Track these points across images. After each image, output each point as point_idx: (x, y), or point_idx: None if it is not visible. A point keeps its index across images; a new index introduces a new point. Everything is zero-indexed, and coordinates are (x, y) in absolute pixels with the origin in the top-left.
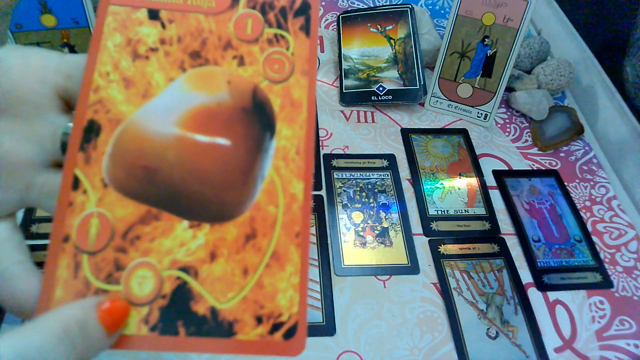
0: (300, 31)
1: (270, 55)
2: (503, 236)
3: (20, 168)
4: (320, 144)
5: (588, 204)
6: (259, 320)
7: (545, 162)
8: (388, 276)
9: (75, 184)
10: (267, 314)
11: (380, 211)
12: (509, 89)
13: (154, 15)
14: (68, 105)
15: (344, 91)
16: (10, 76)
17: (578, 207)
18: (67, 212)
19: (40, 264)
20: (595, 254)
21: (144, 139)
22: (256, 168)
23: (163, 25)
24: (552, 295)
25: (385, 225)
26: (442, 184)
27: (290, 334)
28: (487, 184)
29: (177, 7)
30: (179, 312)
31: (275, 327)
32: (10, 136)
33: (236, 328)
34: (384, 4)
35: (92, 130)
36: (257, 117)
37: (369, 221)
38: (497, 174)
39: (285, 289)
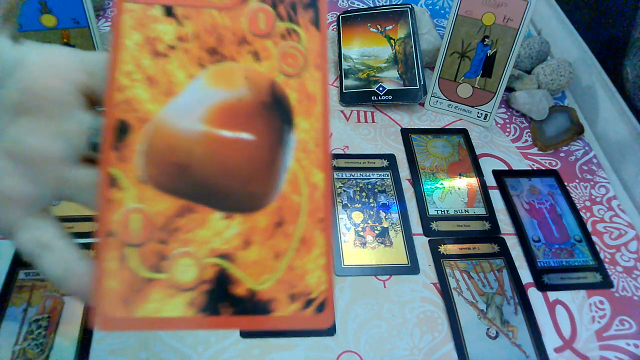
0: (310, 24)
1: (284, 50)
2: (503, 236)
3: (52, 164)
4: None
5: (588, 204)
6: (292, 298)
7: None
8: (388, 276)
9: (113, 182)
10: (299, 292)
11: (380, 211)
12: (509, 89)
13: (168, 12)
14: (91, 101)
15: (344, 91)
16: (34, 75)
17: (578, 207)
18: (107, 209)
19: None
20: (595, 254)
21: (173, 137)
22: (279, 160)
23: (179, 22)
24: (552, 295)
25: (385, 225)
26: (442, 184)
27: (320, 308)
28: (487, 184)
29: (190, 2)
30: (220, 295)
31: (307, 304)
32: (39, 134)
33: (272, 306)
34: (384, 4)
35: (122, 130)
36: (276, 112)
37: (369, 221)
38: (497, 174)
39: (314, 270)
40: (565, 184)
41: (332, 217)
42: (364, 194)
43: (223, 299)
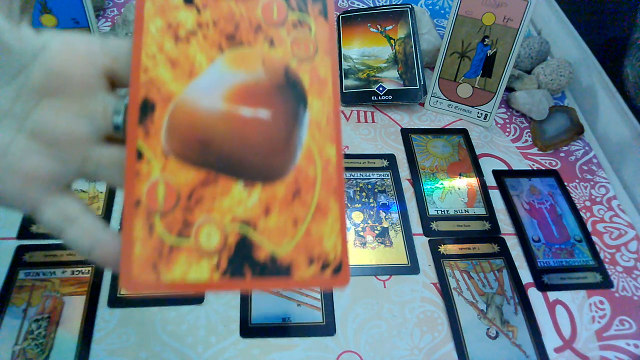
0: (319, 15)
1: (296, 38)
2: (503, 236)
3: (77, 143)
4: None
5: (588, 204)
6: (311, 261)
7: (545, 162)
8: (388, 276)
9: (139, 155)
10: (317, 255)
11: (380, 211)
12: (509, 89)
13: (188, 0)
14: (112, 84)
15: (344, 91)
16: (60, 59)
17: (578, 207)
18: (135, 180)
19: (42, 264)
20: (595, 254)
21: (195, 114)
22: (294, 136)
23: (198, 11)
24: (552, 295)
25: (385, 225)
26: (442, 184)
27: (337, 270)
28: (487, 184)
29: None
30: (243, 258)
31: (325, 266)
32: (66, 115)
33: (293, 269)
34: (384, 4)
35: (147, 107)
36: (290, 93)
37: (369, 221)
38: (497, 174)
39: (329, 235)
40: (565, 184)
41: (344, 187)
42: (364, 194)
43: (246, 262)
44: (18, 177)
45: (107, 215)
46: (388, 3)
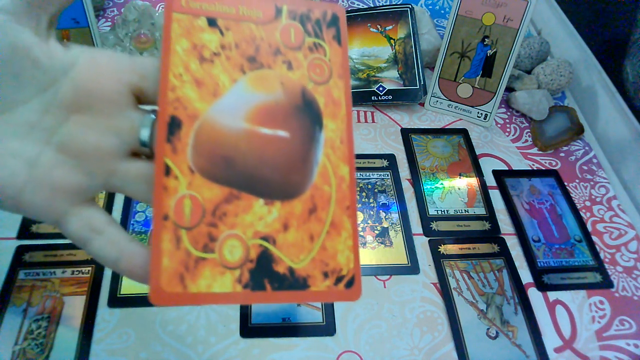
0: (333, 40)
1: (312, 61)
2: (503, 236)
3: (104, 158)
4: None
5: (588, 204)
6: (326, 275)
7: (545, 162)
8: (388, 276)
9: (167, 171)
10: (331, 270)
11: (380, 211)
12: (509, 89)
13: (212, 23)
14: (139, 101)
15: None
16: (89, 76)
17: (578, 207)
18: (163, 195)
19: (42, 264)
20: (595, 254)
21: (220, 132)
22: (311, 155)
23: (222, 33)
24: (552, 295)
25: (385, 225)
26: (442, 184)
27: (350, 284)
28: (487, 184)
29: (231, 16)
30: (264, 272)
31: (339, 280)
32: (94, 130)
33: (309, 282)
34: (384, 4)
35: (174, 125)
36: (307, 114)
37: (369, 221)
38: (497, 174)
39: (343, 250)
40: (565, 184)
41: (356, 205)
42: (364, 194)
43: (266, 276)
44: (45, 188)
45: None
46: (388, 3)
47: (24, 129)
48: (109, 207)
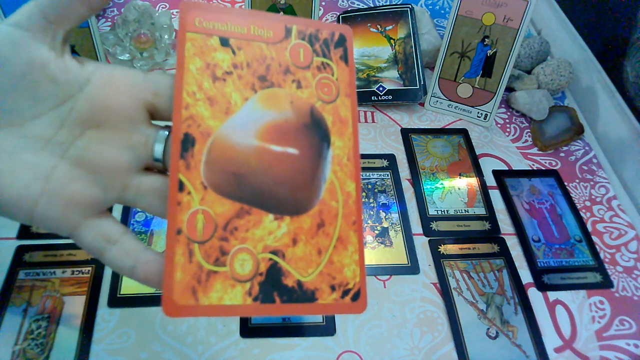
0: (340, 60)
1: (320, 80)
2: (503, 236)
3: (119, 172)
4: None
5: (588, 204)
6: (333, 288)
7: (545, 162)
8: (388, 276)
9: (181, 186)
10: (338, 283)
11: (380, 211)
12: (509, 89)
13: (224, 42)
14: (152, 117)
15: None
16: (105, 93)
17: (578, 207)
18: (177, 210)
19: (42, 264)
20: (595, 254)
21: (231, 149)
22: (319, 172)
23: (233, 52)
24: (552, 295)
25: (385, 225)
26: (442, 184)
27: (356, 297)
28: (487, 184)
29: (242, 36)
30: (273, 285)
31: (345, 293)
32: (109, 145)
33: (317, 295)
34: (384, 4)
35: (188, 142)
36: (316, 131)
37: (369, 221)
38: (497, 174)
39: (349, 264)
40: (565, 184)
41: (362, 220)
42: (364, 194)
43: (276, 288)
44: (60, 201)
45: None
46: (388, 3)
47: (39, 143)
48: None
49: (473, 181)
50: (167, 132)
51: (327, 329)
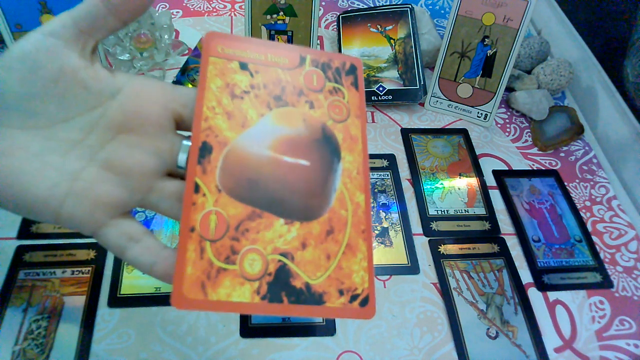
0: (351, 86)
1: (332, 102)
2: (503, 236)
3: (145, 176)
4: None
5: (588, 204)
6: (341, 292)
7: (545, 162)
8: (388, 276)
9: (197, 189)
10: (346, 288)
11: (380, 211)
12: (509, 89)
13: (244, 66)
14: (178, 127)
15: None
16: (138, 102)
17: (578, 207)
18: (191, 209)
19: (42, 264)
20: (595, 254)
21: (246, 157)
22: (329, 182)
23: (251, 75)
24: (552, 295)
25: (385, 225)
26: (442, 184)
27: (364, 302)
28: (487, 184)
29: (260, 61)
30: (282, 285)
31: (353, 298)
32: (138, 150)
33: (325, 298)
34: (384, 4)
35: (205, 149)
36: (327, 146)
37: None
38: (497, 174)
39: (358, 270)
40: (565, 184)
41: (371, 230)
42: None
43: (284, 289)
44: (87, 201)
45: None
46: (388, 3)
47: (67, 145)
48: None
49: (473, 181)
50: (190, 143)
51: (327, 329)
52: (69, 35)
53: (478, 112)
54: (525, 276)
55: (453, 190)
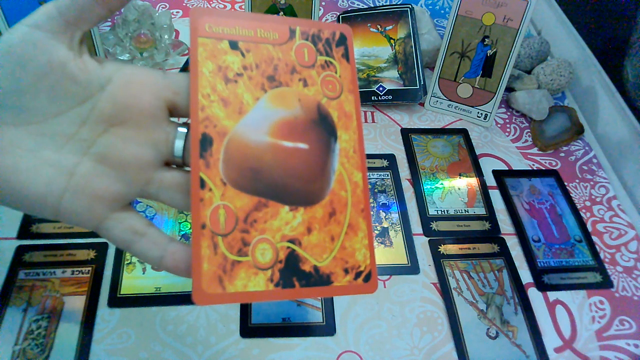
0: (342, 58)
1: (324, 78)
2: (503, 236)
3: (142, 168)
4: None
5: (588, 204)
6: (346, 271)
7: (545, 162)
8: (388, 276)
9: (202, 184)
10: (351, 266)
11: (380, 211)
12: (509, 89)
13: (234, 45)
14: (172, 115)
15: None
16: (128, 92)
17: (578, 207)
18: (200, 206)
19: (42, 264)
20: (595, 254)
21: (246, 147)
22: (329, 164)
23: (243, 54)
24: (552, 295)
25: (385, 225)
26: (442, 184)
27: (367, 278)
28: (487, 184)
29: (250, 39)
30: (292, 271)
31: (358, 275)
32: (132, 142)
33: (332, 278)
34: (384, 4)
35: (206, 142)
36: (323, 126)
37: None
38: (497, 174)
39: (360, 248)
40: (565, 184)
41: (369, 207)
42: None
43: (295, 274)
44: (84, 196)
45: None
46: (388, 3)
47: (60, 140)
48: None
49: (473, 181)
50: (185, 129)
51: (327, 329)
52: (56, 27)
53: (478, 112)
54: (525, 276)
55: (453, 190)
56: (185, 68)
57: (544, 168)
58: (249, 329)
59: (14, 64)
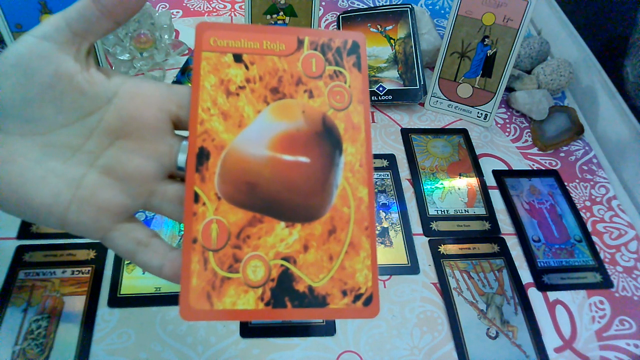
0: (353, 67)
1: (332, 89)
2: (503, 236)
3: (146, 180)
4: None
5: (588, 204)
6: (344, 293)
7: (545, 162)
8: (388, 276)
9: (196, 198)
10: (350, 288)
11: (380, 211)
12: (509, 89)
13: (238, 58)
14: (176, 127)
15: None
16: (134, 105)
17: (578, 207)
18: (192, 220)
19: (42, 264)
20: (595, 254)
21: (244, 161)
22: (331, 179)
23: (247, 67)
24: (552, 295)
25: (385, 225)
26: (442, 184)
27: (368, 301)
28: (487, 184)
29: (255, 51)
30: (285, 290)
31: (357, 298)
32: (137, 155)
33: (328, 300)
34: (384, 4)
35: (203, 155)
36: (327, 139)
37: None
38: (497, 174)
39: (361, 269)
40: (565, 184)
41: (375, 226)
42: None
43: (287, 294)
44: (91, 207)
45: None
46: (388, 3)
47: (66, 151)
48: None
49: (473, 181)
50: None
51: (327, 329)
52: (63, 39)
53: (478, 112)
54: (525, 276)
55: (453, 190)
56: (185, 68)
57: (544, 168)
58: (249, 329)
59: (21, 74)
